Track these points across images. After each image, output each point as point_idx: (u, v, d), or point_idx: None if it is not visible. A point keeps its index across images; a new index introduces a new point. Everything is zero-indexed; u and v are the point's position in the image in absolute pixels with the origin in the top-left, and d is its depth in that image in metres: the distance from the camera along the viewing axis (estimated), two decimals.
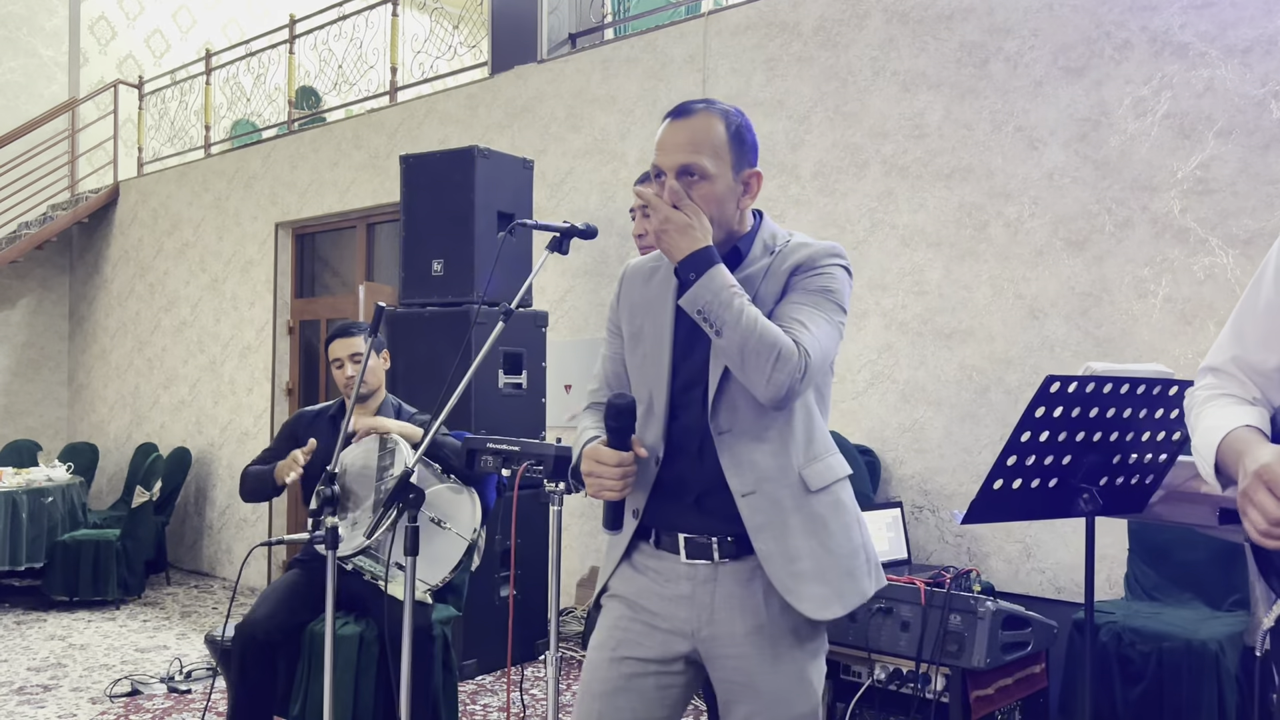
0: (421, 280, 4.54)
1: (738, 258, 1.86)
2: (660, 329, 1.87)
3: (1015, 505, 1.81)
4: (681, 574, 1.83)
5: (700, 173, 1.80)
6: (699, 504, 1.82)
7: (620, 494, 1.79)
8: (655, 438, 1.85)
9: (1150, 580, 3.59)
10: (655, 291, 1.92)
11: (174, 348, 8.35)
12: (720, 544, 1.80)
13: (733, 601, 1.80)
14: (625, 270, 2.03)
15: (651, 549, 1.88)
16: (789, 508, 1.79)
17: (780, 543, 1.77)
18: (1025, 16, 4.10)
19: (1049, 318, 4.00)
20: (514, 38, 6.02)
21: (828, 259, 1.83)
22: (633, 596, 1.88)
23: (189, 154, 8.74)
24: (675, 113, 1.84)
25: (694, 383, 1.83)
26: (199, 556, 8.01)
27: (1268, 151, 3.55)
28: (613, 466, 1.76)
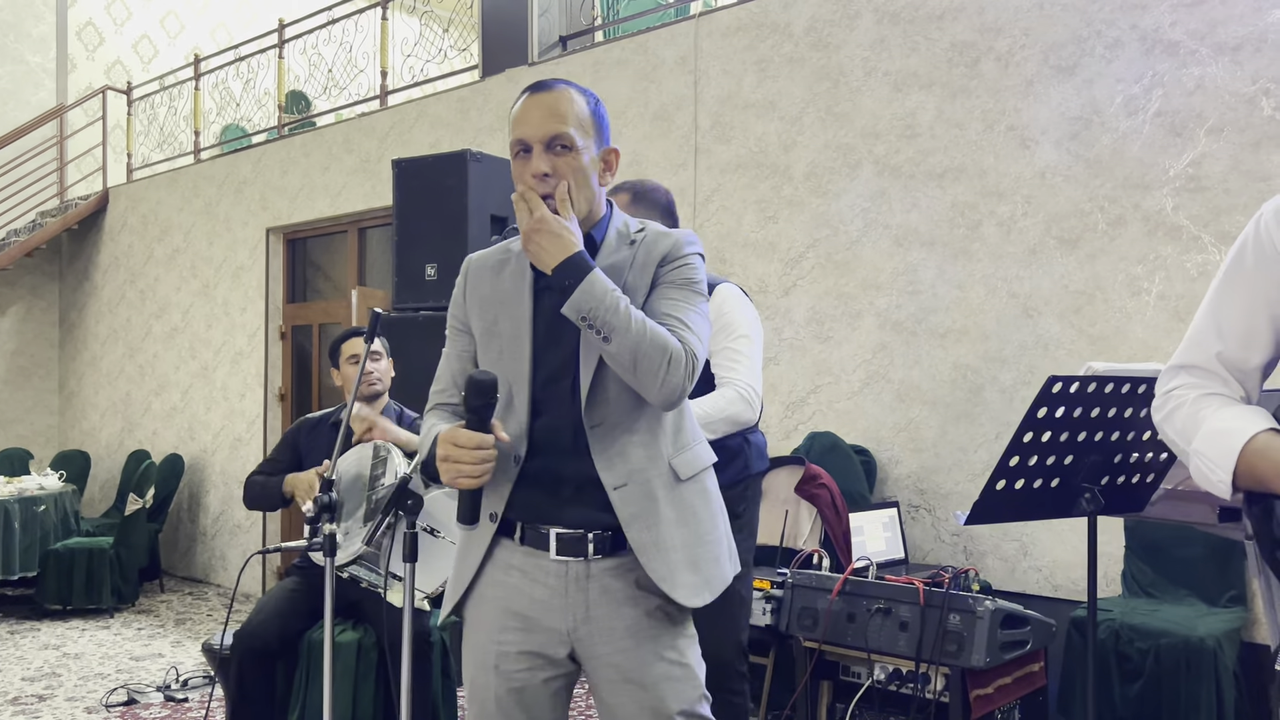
0: (415, 284, 4.53)
1: (592, 246, 1.82)
2: (518, 323, 1.82)
3: (1017, 505, 1.82)
4: (551, 572, 1.79)
5: (569, 143, 1.77)
6: (576, 497, 1.78)
7: (479, 481, 1.69)
8: (517, 433, 1.79)
9: (1147, 577, 3.60)
10: (508, 284, 1.86)
11: (165, 354, 8.32)
12: (596, 540, 1.77)
13: (608, 597, 1.77)
14: (468, 265, 1.97)
15: (516, 545, 1.82)
16: (661, 498, 1.77)
17: (653, 532, 1.76)
18: (1016, 16, 4.11)
19: (1043, 316, 4.01)
20: (504, 41, 6.01)
21: (688, 248, 1.83)
22: (502, 600, 1.82)
23: (178, 160, 8.71)
24: (534, 88, 1.81)
25: (559, 376, 1.79)
26: (193, 563, 7.98)
27: (1258, 149, 3.56)
28: (471, 449, 1.67)
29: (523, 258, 1.85)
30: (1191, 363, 1.47)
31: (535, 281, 1.82)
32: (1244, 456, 1.31)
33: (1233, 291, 1.45)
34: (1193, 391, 1.45)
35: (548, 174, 1.75)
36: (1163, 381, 1.48)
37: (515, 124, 1.80)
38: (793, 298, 4.69)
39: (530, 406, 1.79)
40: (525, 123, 1.78)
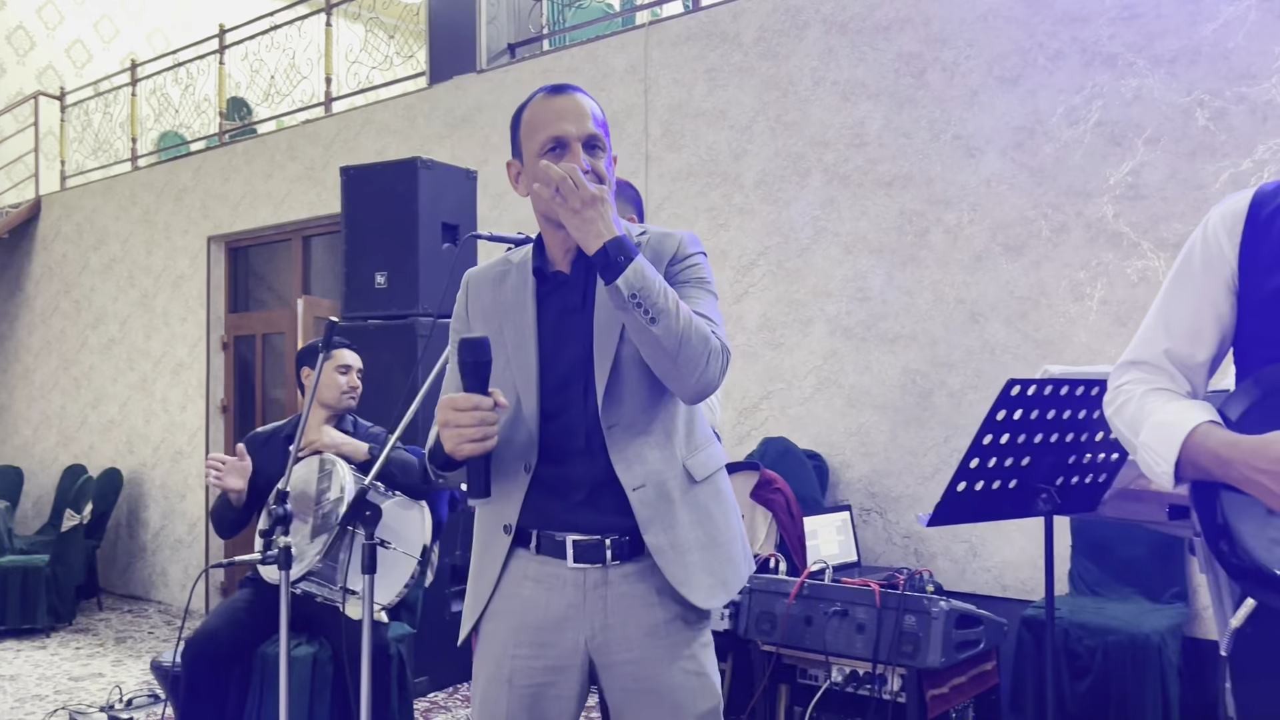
0: (364, 293, 4.48)
1: None
2: (522, 330, 1.80)
3: (977, 506, 1.85)
4: (568, 580, 1.77)
5: (602, 145, 1.78)
6: (591, 501, 1.76)
7: (482, 445, 1.64)
8: (527, 441, 1.77)
9: (1093, 575, 3.69)
10: (510, 295, 1.85)
11: (102, 366, 8.13)
12: (614, 545, 1.75)
13: (625, 604, 1.76)
14: (468, 279, 1.94)
15: (531, 555, 1.80)
16: (676, 500, 1.77)
17: (670, 534, 1.75)
18: (961, 27, 4.20)
19: (989, 321, 4.09)
20: (452, 48, 5.98)
21: (694, 248, 1.84)
22: (517, 614, 1.79)
23: (114, 167, 8.52)
24: (561, 89, 1.80)
25: (569, 380, 1.78)
26: (131, 580, 7.79)
27: (1194, 158, 3.67)
28: (468, 410, 1.62)
29: (523, 268, 1.85)
30: (1141, 359, 1.53)
31: (538, 288, 1.82)
32: (1186, 447, 1.37)
33: (1180, 292, 1.51)
34: (1141, 386, 1.51)
35: (587, 170, 1.74)
36: (1114, 377, 1.54)
37: (545, 122, 1.76)
38: (744, 304, 4.73)
39: (539, 412, 1.78)
40: (563, 117, 1.75)
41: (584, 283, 1.82)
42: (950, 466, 4.14)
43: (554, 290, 1.84)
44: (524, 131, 1.81)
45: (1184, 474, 1.40)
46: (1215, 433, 1.36)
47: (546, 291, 1.84)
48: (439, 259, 4.45)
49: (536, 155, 1.76)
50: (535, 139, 1.77)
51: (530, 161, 1.78)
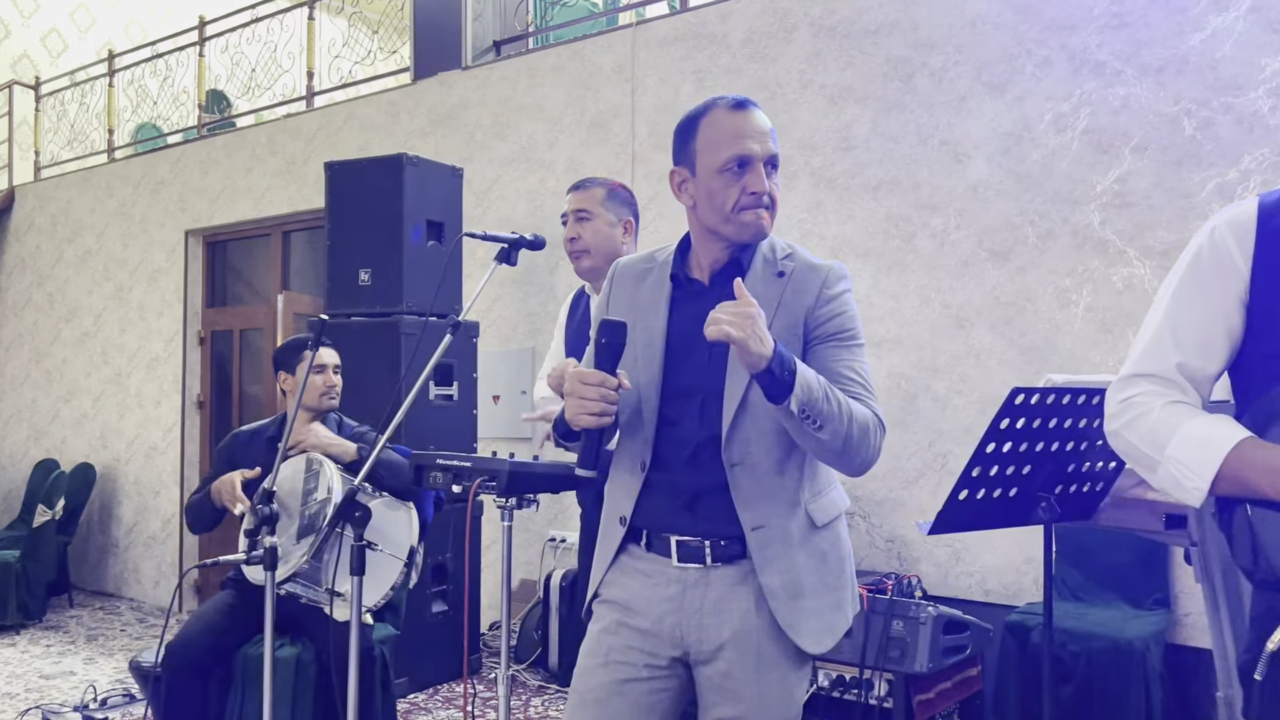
0: (348, 290, 4.44)
1: (738, 270, 1.82)
2: (652, 334, 1.84)
3: (978, 515, 1.85)
4: (672, 577, 1.81)
5: (778, 165, 1.81)
6: (691, 507, 1.80)
7: (599, 419, 1.70)
8: (643, 444, 1.82)
9: (1075, 581, 3.71)
10: (648, 295, 1.89)
11: (75, 359, 8.02)
12: (713, 547, 1.78)
13: (722, 605, 1.78)
14: (615, 270, 1.98)
15: (642, 551, 1.85)
16: (796, 543, 1.77)
17: (786, 577, 1.76)
18: (949, 33, 4.20)
19: (975, 326, 4.10)
20: (437, 44, 5.94)
21: (841, 285, 1.82)
22: (622, 601, 1.85)
23: (90, 159, 8.41)
24: (743, 103, 1.80)
25: (690, 392, 1.80)
26: (103, 577, 7.69)
27: (1180, 166, 3.70)
28: (594, 385, 1.70)
29: (665, 267, 1.87)
30: (1150, 371, 1.49)
31: (673, 293, 1.84)
32: (1229, 461, 1.34)
33: (1189, 303, 1.47)
34: (1157, 399, 1.46)
35: (768, 192, 1.79)
36: (1118, 390, 1.51)
37: (730, 138, 1.76)
38: None
39: (658, 417, 1.81)
40: (752, 135, 1.77)
41: (719, 296, 1.80)
42: (935, 471, 4.16)
43: (689, 298, 1.86)
44: (701, 141, 1.80)
45: (1220, 490, 1.37)
46: (1264, 446, 1.33)
47: (681, 298, 1.86)
48: (424, 256, 4.42)
49: (716, 170, 1.77)
50: (717, 154, 1.77)
51: (707, 176, 1.78)
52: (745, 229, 1.79)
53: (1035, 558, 3.91)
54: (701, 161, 1.79)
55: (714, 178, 1.77)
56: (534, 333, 5.40)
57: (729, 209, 1.77)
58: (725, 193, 1.76)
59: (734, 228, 1.78)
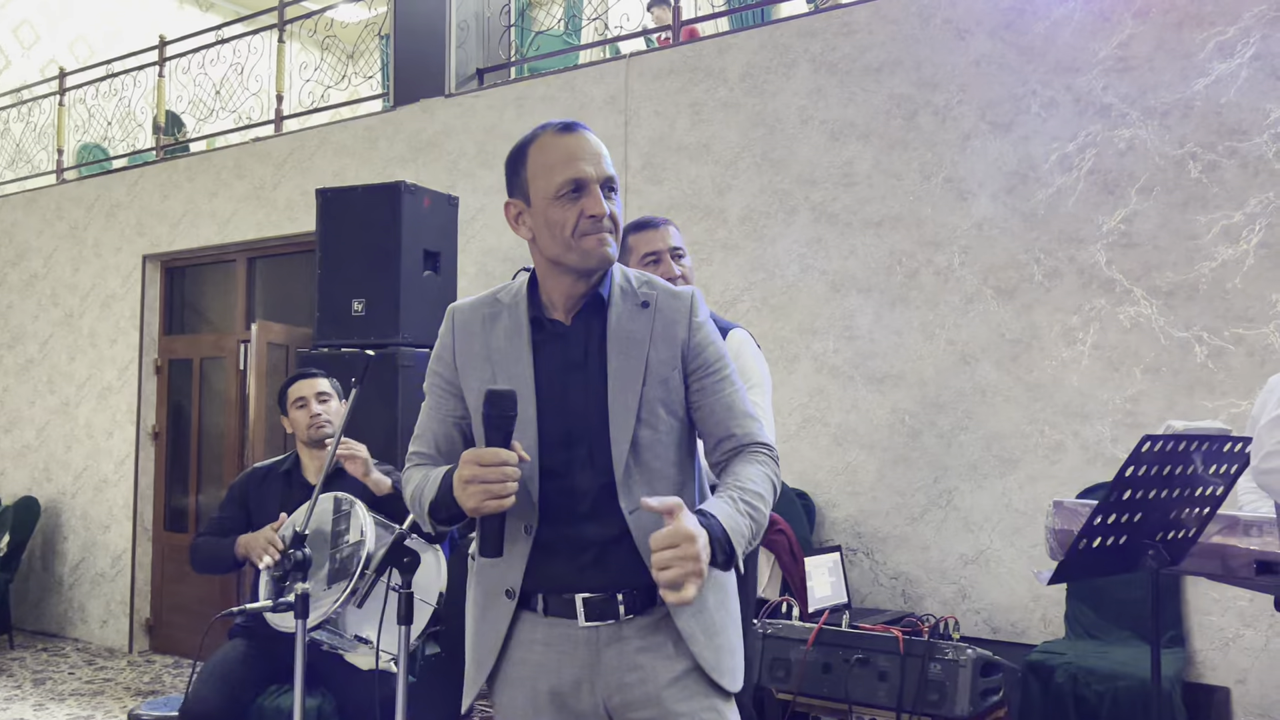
0: (340, 320, 4.30)
1: (600, 304, 1.74)
2: (518, 383, 1.70)
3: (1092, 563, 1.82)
4: (580, 639, 1.69)
5: (616, 188, 1.75)
6: (599, 561, 1.68)
7: (506, 502, 1.56)
8: (525, 502, 1.67)
9: (1089, 619, 3.71)
10: (502, 342, 1.75)
11: (18, 388, 7.67)
12: (627, 598, 1.68)
13: (643, 659, 1.68)
14: (453, 315, 1.83)
15: (539, 617, 1.71)
16: (705, 582, 1.67)
17: (700, 619, 1.70)
18: (953, 73, 4.24)
19: (980, 363, 4.11)
20: (418, 70, 5.84)
21: (704, 314, 1.78)
22: (530, 680, 1.71)
23: (35, 179, 8.09)
24: (571, 126, 1.75)
25: (573, 440, 1.69)
26: (46, 616, 7.33)
27: (1186, 208, 3.76)
28: (496, 466, 1.55)
29: (515, 312, 1.76)
30: None
31: (533, 336, 1.73)
32: None
33: None
34: None
35: (608, 215, 1.71)
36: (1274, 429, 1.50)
37: (559, 162, 1.70)
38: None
39: (539, 472, 1.68)
40: (582, 157, 1.70)
41: (585, 336, 1.74)
42: (940, 507, 4.15)
43: (551, 340, 1.75)
44: (532, 169, 1.73)
45: None
46: None
47: (543, 340, 1.75)
48: (421, 286, 4.31)
49: (551, 197, 1.69)
50: (550, 180, 1.69)
51: (541, 204, 1.70)
52: (589, 255, 1.69)
53: (1043, 595, 3.91)
54: (535, 189, 1.72)
55: (550, 205, 1.69)
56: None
57: (568, 234, 1.68)
58: (563, 219, 1.68)
59: (577, 255, 1.69)
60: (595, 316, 1.74)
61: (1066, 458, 3.90)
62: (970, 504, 4.08)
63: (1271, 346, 3.59)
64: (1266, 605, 3.47)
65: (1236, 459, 1.86)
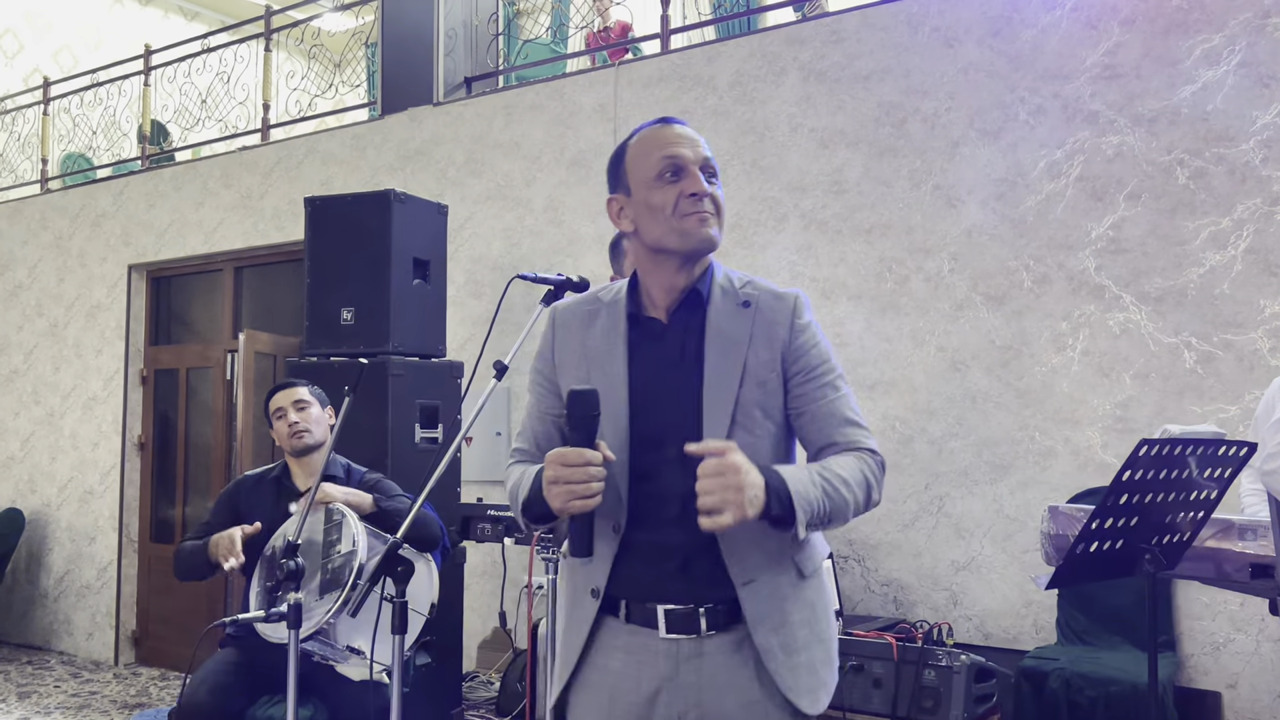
0: (329, 329, 4.27)
1: (699, 301, 1.72)
2: (613, 382, 1.69)
3: (1089, 568, 1.82)
4: (660, 651, 1.66)
5: (718, 174, 1.74)
6: (685, 570, 1.66)
7: (591, 502, 1.55)
8: (615, 501, 1.66)
9: (1080, 624, 3.71)
10: (599, 341, 1.75)
11: (2, 399, 7.61)
12: (709, 614, 1.65)
13: (721, 677, 1.65)
14: (554, 315, 1.83)
15: (621, 623, 1.70)
16: (787, 595, 1.67)
17: (780, 635, 1.66)
18: (941, 80, 4.26)
19: (970, 370, 4.12)
20: (406, 79, 5.83)
21: (808, 315, 1.75)
22: (608, 688, 1.70)
23: (18, 189, 8.04)
24: (667, 120, 1.76)
25: (664, 441, 1.65)
26: (30, 629, 7.26)
27: (1175, 215, 3.78)
28: (580, 466, 1.54)
29: (614, 309, 1.75)
30: None
31: (630, 334, 1.71)
32: None
33: None
34: None
35: (708, 194, 1.69)
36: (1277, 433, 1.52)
37: (658, 146, 1.70)
38: None
39: (629, 473, 1.66)
40: (679, 143, 1.70)
41: (683, 334, 1.72)
42: (931, 514, 4.15)
43: (649, 339, 1.74)
44: (631, 161, 1.73)
45: None
46: None
47: (640, 339, 1.73)
48: (411, 295, 4.29)
49: (651, 181, 1.68)
50: (648, 163, 1.69)
51: (641, 190, 1.70)
52: (689, 236, 1.67)
53: (1035, 601, 3.92)
54: (634, 179, 1.71)
55: (649, 190, 1.69)
56: (510, 374, 5.25)
57: (669, 213, 1.67)
58: (663, 200, 1.67)
59: (678, 236, 1.67)
60: (694, 314, 1.71)
61: (1057, 463, 3.91)
62: (961, 510, 4.09)
63: (1259, 352, 3.61)
64: (1258, 610, 3.49)
65: (1231, 463, 1.86)
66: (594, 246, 4.97)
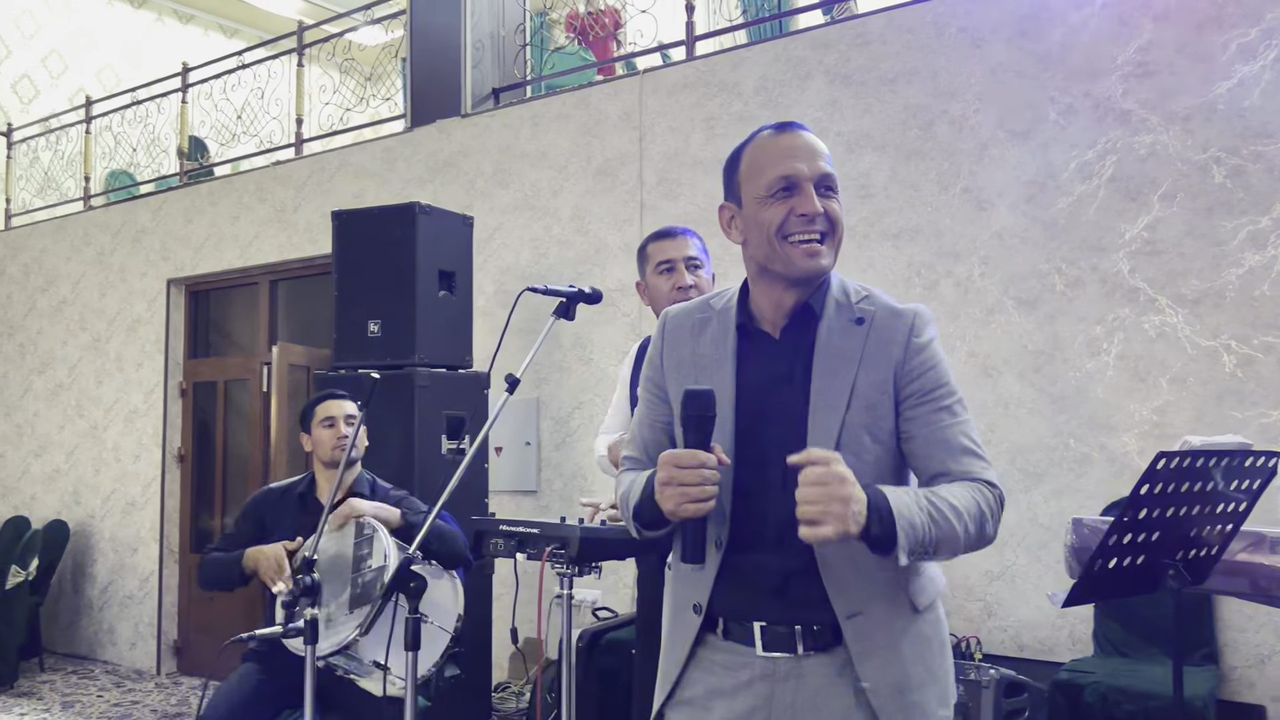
0: (357, 342, 4.29)
1: (811, 317, 1.65)
2: (720, 393, 1.62)
3: (1110, 584, 1.76)
4: (757, 669, 1.61)
5: (835, 185, 1.65)
6: (782, 592, 1.60)
7: (705, 506, 1.50)
8: (719, 516, 1.60)
9: (1118, 636, 3.62)
10: (708, 350, 1.69)
11: (48, 413, 7.75)
12: (805, 633, 1.59)
13: (818, 701, 1.59)
14: (665, 320, 1.78)
15: (719, 640, 1.66)
16: (899, 630, 1.59)
17: (891, 671, 1.58)
18: (969, 81, 4.19)
19: (1002, 375, 4.04)
20: (435, 91, 5.85)
21: (929, 334, 1.65)
22: (702, 703, 1.66)
23: (63, 206, 8.19)
24: (787, 125, 1.67)
25: (767, 461, 1.59)
26: (76, 639, 7.38)
27: (1212, 214, 3.68)
28: (694, 469, 1.49)
29: (725, 318, 1.70)
30: None
31: (739, 346, 1.66)
32: None
33: None
34: None
35: (821, 213, 1.62)
36: None
37: (772, 160, 1.63)
38: None
39: (734, 489, 1.61)
40: (795, 155, 1.62)
41: (793, 351, 1.65)
42: None
43: (758, 353, 1.68)
44: (744, 172, 1.67)
45: None
46: None
47: (749, 352, 1.68)
48: (436, 307, 4.30)
49: (762, 197, 1.62)
50: (761, 179, 1.63)
51: (752, 205, 1.64)
52: (794, 265, 1.62)
53: (1071, 612, 3.82)
54: (746, 191, 1.66)
55: (760, 205, 1.63)
56: (539, 383, 5.28)
57: (774, 233, 1.61)
58: (771, 218, 1.61)
59: (783, 263, 1.62)
60: (805, 330, 1.66)
61: (1093, 470, 3.82)
62: None
63: None
64: None
65: (1260, 474, 1.79)
66: (620, 255, 4.95)
